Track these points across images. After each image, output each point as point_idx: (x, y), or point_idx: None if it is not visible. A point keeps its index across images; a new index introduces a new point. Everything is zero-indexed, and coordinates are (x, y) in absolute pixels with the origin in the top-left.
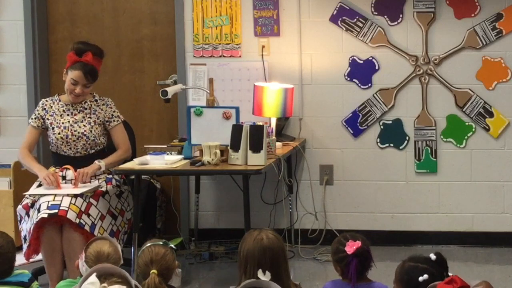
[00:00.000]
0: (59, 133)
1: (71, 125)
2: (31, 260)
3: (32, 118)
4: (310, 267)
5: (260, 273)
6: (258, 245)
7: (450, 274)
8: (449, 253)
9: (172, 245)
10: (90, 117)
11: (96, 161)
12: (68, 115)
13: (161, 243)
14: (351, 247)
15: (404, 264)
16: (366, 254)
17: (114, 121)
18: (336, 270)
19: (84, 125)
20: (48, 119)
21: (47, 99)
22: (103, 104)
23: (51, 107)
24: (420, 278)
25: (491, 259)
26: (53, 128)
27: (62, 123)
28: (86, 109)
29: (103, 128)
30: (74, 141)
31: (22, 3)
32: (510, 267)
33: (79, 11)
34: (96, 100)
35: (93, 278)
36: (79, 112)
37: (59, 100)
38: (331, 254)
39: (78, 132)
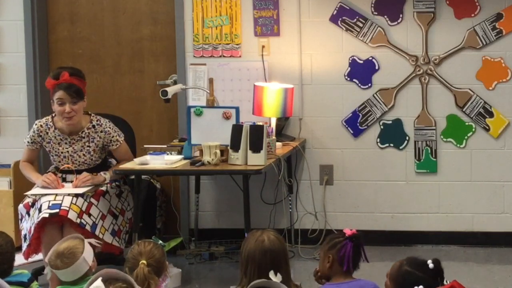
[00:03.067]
0: (59, 161)
1: (70, 155)
2: (30, 259)
3: (28, 142)
4: (310, 267)
5: (271, 274)
6: (260, 246)
7: (446, 281)
8: (449, 253)
9: (162, 242)
10: (89, 146)
11: (101, 173)
12: (66, 143)
13: (150, 240)
14: (348, 231)
15: (402, 267)
16: (359, 244)
17: (113, 145)
18: (324, 265)
19: (84, 155)
20: (45, 146)
21: (42, 123)
22: (101, 131)
23: (47, 133)
24: None
25: (491, 259)
26: (52, 156)
27: (62, 152)
28: (84, 137)
29: (101, 150)
30: (76, 167)
31: (22, 3)
32: (510, 267)
33: (79, 11)
34: (93, 126)
35: (98, 282)
36: (77, 141)
37: (54, 128)
38: (323, 246)
39: (79, 162)
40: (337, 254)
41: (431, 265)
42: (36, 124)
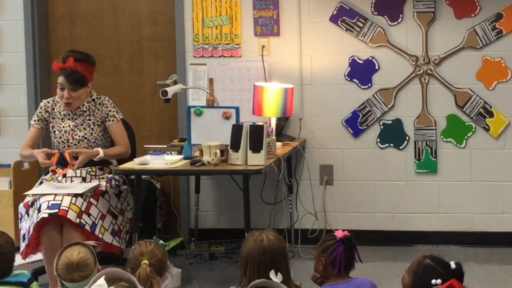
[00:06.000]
0: (60, 137)
1: (71, 129)
2: (27, 259)
3: (34, 120)
4: (310, 267)
5: (272, 274)
6: (258, 245)
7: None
8: (449, 253)
9: (163, 242)
10: (89, 119)
11: (96, 148)
12: (69, 119)
13: (151, 240)
14: (339, 233)
15: (424, 260)
16: (352, 246)
17: (110, 120)
18: (318, 267)
19: (84, 128)
20: (50, 121)
21: (48, 100)
22: (100, 104)
23: (53, 109)
24: (433, 281)
25: (491, 259)
26: (54, 132)
27: (63, 127)
28: (85, 111)
29: (103, 128)
30: (75, 144)
31: (22, 3)
32: (510, 267)
33: (79, 11)
34: (93, 100)
35: (101, 281)
36: (79, 116)
37: (60, 104)
38: (316, 249)
39: (79, 136)
40: (329, 257)
41: (453, 266)
42: (42, 101)
